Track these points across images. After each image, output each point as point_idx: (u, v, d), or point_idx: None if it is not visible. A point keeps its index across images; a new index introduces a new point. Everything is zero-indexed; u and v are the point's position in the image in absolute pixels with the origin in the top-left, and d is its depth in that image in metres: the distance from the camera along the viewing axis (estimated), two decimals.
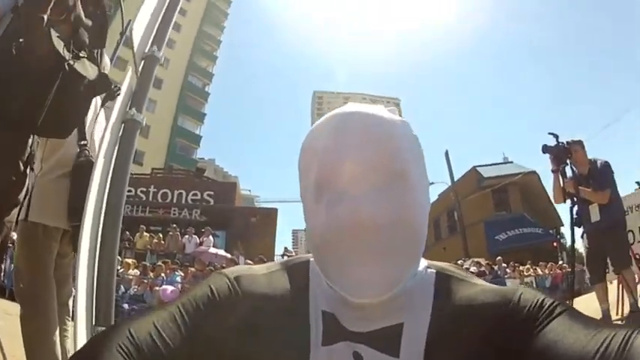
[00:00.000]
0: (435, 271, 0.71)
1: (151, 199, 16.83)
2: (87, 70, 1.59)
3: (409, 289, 0.66)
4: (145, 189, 16.93)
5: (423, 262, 0.72)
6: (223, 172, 55.60)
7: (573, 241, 3.97)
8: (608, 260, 4.41)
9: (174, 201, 17.07)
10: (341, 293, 0.65)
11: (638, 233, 6.36)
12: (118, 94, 1.75)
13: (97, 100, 2.30)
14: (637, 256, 5.70)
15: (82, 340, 1.50)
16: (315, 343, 0.66)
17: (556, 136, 4.20)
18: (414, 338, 0.64)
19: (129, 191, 15.47)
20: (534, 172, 20.56)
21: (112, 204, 1.69)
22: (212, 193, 17.86)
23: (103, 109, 2.41)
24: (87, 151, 2.21)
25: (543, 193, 19.04)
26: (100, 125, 2.34)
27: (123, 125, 1.74)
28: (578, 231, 4.21)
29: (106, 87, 1.69)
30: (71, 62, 1.50)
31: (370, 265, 0.62)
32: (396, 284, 0.63)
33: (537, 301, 0.60)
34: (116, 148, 1.69)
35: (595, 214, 3.98)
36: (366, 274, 0.62)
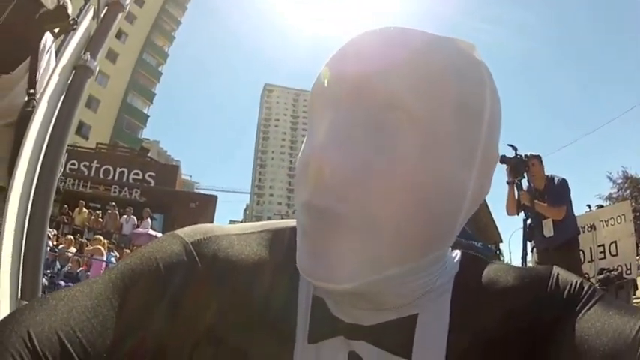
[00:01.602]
0: (459, 251, 0.56)
1: (92, 174, 16.09)
2: None
3: (426, 271, 0.49)
4: (87, 163, 16.17)
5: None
6: (166, 155, 53.99)
7: (525, 253, 3.95)
8: None
9: (116, 179, 16.39)
10: None
11: (588, 253, 6.57)
12: (75, 29, 1.51)
13: (51, 53, 2.08)
14: (586, 276, 5.85)
15: (4, 313, 1.27)
16: (301, 338, 0.49)
17: (515, 148, 4.17)
18: (431, 333, 0.47)
19: (72, 164, 14.46)
20: None
21: (48, 163, 1.45)
22: (153, 174, 17.21)
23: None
24: (35, 101, 1.98)
25: (485, 208, 19.63)
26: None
27: (74, 71, 1.50)
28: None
29: (62, 18, 1.46)
30: None
31: (329, 234, 0.43)
32: (370, 270, 0.44)
33: (576, 283, 0.48)
34: (62, 95, 1.44)
35: (548, 230, 3.95)
36: (322, 247, 0.44)
